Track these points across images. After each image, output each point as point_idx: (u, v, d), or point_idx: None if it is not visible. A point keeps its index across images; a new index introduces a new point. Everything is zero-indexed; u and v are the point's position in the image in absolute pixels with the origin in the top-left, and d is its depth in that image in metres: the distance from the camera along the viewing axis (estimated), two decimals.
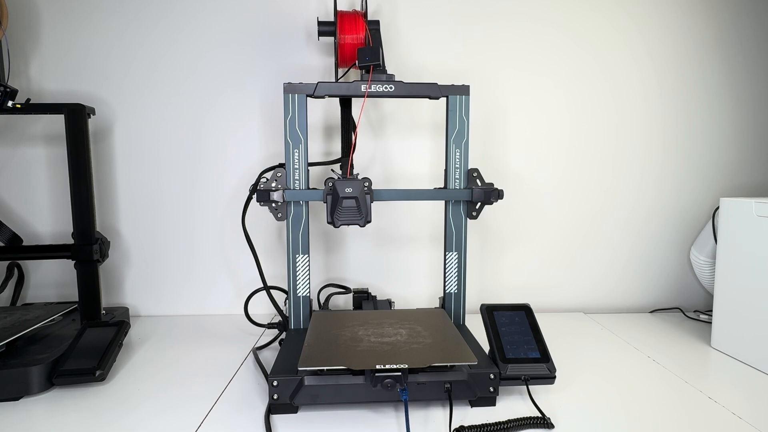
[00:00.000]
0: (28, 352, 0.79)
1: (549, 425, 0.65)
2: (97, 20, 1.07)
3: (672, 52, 1.16)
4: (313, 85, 0.84)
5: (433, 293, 1.18)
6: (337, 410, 0.70)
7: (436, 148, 1.14)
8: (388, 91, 0.84)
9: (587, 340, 1.00)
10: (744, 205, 0.89)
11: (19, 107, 0.91)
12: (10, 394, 0.73)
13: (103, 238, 0.97)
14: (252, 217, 0.94)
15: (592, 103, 1.16)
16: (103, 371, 0.77)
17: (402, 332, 0.77)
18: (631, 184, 1.19)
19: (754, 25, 1.16)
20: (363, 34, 0.90)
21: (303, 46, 1.10)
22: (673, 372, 0.84)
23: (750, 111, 1.18)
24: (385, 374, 0.64)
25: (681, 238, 1.21)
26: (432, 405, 0.71)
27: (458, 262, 0.91)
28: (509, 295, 1.19)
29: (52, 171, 1.10)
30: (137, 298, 1.15)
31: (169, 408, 0.71)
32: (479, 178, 0.89)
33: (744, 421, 0.68)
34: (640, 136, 1.17)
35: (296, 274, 0.88)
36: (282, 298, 0.98)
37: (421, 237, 1.17)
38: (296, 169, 0.86)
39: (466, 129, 0.88)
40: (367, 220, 0.82)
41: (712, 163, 1.19)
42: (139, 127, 1.10)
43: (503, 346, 0.73)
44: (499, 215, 1.17)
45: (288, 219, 0.87)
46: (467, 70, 1.13)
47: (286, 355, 0.75)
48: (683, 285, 1.23)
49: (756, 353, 0.87)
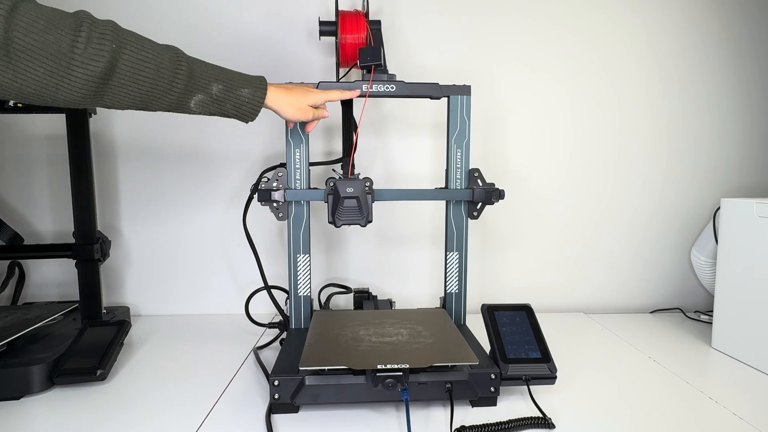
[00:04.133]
0: (29, 351, 0.79)
1: (550, 425, 0.65)
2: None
3: (675, 50, 1.15)
4: (314, 84, 0.84)
5: (433, 293, 1.18)
6: (338, 410, 0.70)
7: (437, 147, 1.14)
8: (390, 91, 0.84)
9: (588, 340, 1.00)
10: (745, 206, 0.89)
11: (20, 106, 0.91)
12: (11, 393, 0.73)
13: (104, 238, 0.97)
14: (253, 217, 0.94)
15: (595, 103, 1.16)
16: (104, 370, 0.77)
17: (403, 332, 0.77)
18: (633, 184, 1.19)
19: (760, 25, 1.16)
20: (364, 33, 0.90)
21: (304, 46, 1.10)
22: (674, 372, 0.84)
23: (752, 111, 1.18)
24: (386, 374, 0.64)
25: (682, 239, 1.21)
26: (433, 405, 0.71)
27: (459, 262, 0.91)
28: (510, 295, 1.19)
29: (53, 170, 1.10)
30: (138, 298, 1.15)
31: (170, 407, 0.71)
32: (480, 178, 0.89)
33: (744, 421, 0.68)
34: (643, 135, 1.17)
35: (297, 273, 0.88)
36: (283, 297, 0.98)
37: (422, 237, 1.17)
38: (297, 168, 0.86)
39: (467, 129, 0.88)
40: (368, 220, 0.82)
41: (714, 164, 1.19)
42: (140, 127, 1.10)
43: (504, 346, 0.73)
44: (500, 215, 1.17)
45: (289, 219, 0.87)
46: (468, 69, 1.13)
47: (287, 354, 0.75)
48: (684, 285, 1.23)
49: (756, 353, 0.87)
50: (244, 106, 0.68)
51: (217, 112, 0.67)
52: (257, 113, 0.70)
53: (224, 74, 0.67)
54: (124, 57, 0.55)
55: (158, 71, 0.59)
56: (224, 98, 0.66)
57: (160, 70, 0.59)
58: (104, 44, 0.54)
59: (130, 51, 0.56)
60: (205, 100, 0.65)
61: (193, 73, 0.63)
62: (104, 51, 0.53)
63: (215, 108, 0.66)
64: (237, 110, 0.68)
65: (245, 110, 0.69)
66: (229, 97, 0.66)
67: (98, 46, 0.53)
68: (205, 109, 0.66)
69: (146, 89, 0.58)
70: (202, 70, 0.64)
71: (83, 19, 0.53)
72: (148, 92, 0.59)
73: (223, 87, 0.66)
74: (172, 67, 0.60)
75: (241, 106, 0.68)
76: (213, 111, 0.67)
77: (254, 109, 0.69)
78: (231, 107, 0.67)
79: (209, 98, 0.65)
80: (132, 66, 0.56)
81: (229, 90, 0.66)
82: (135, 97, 0.58)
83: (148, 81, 0.58)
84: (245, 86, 0.68)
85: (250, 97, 0.68)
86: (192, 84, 0.62)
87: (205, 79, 0.64)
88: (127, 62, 0.56)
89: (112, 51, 0.54)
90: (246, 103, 0.68)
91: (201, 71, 0.64)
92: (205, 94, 0.64)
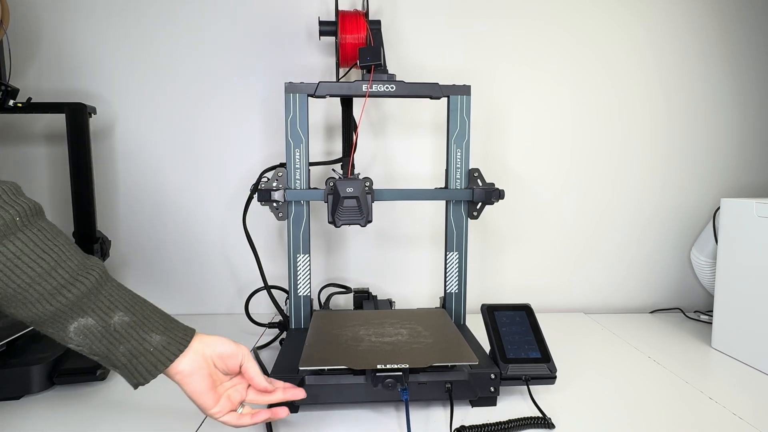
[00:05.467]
0: (29, 351, 0.79)
1: (550, 425, 0.65)
2: (99, 19, 1.07)
3: (675, 50, 1.15)
4: (315, 84, 0.84)
5: (433, 293, 1.18)
6: (338, 410, 0.70)
7: (437, 147, 1.14)
8: (389, 91, 0.84)
9: (588, 340, 1.00)
10: (745, 206, 0.89)
11: (20, 106, 0.91)
12: (11, 393, 0.73)
13: (104, 238, 0.97)
14: (253, 217, 0.94)
15: (595, 103, 1.16)
16: (104, 370, 0.77)
17: (403, 332, 0.77)
18: (633, 184, 1.19)
19: (759, 24, 1.16)
20: (364, 33, 0.90)
21: (304, 46, 1.10)
22: (674, 372, 0.85)
23: (753, 111, 1.18)
24: (386, 374, 0.64)
25: (682, 239, 1.21)
26: (433, 405, 0.71)
27: (459, 262, 0.91)
28: (510, 295, 1.19)
29: (53, 170, 1.10)
30: None
31: (170, 407, 0.71)
32: (480, 178, 0.89)
33: (744, 421, 0.68)
34: (642, 135, 1.17)
35: (297, 273, 0.88)
36: (283, 297, 0.98)
37: (422, 237, 1.17)
38: (297, 168, 0.86)
39: (467, 129, 0.88)
40: (368, 220, 0.82)
41: (714, 164, 1.19)
42: (140, 127, 1.11)
43: (504, 346, 0.73)
44: (500, 215, 1.17)
45: (289, 219, 0.87)
46: (468, 69, 1.13)
47: (287, 354, 0.75)
48: (684, 285, 1.23)
49: (756, 353, 0.87)
50: (141, 356, 0.49)
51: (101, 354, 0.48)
52: (154, 375, 0.50)
53: (140, 308, 0.51)
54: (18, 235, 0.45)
55: (49, 272, 0.45)
56: (121, 335, 0.48)
57: (51, 273, 0.45)
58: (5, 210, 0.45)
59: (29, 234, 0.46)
60: (93, 328, 0.47)
61: (98, 292, 0.48)
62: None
63: (104, 345, 0.48)
64: (130, 360, 0.49)
65: (141, 363, 0.49)
66: (129, 337, 0.49)
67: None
68: (88, 342, 0.48)
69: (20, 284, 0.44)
70: (111, 292, 0.49)
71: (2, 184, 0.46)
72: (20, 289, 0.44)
73: (129, 321, 0.49)
74: (73, 273, 0.47)
75: (139, 355, 0.49)
76: (97, 350, 0.48)
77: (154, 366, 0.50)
78: (125, 351, 0.49)
79: (101, 328, 0.48)
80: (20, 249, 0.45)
81: (134, 327, 0.49)
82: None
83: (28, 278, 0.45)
84: (159, 333, 0.50)
85: (159, 349, 0.50)
86: (86, 302, 0.47)
87: (110, 303, 0.49)
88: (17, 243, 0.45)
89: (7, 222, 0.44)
90: (147, 353, 0.49)
91: (109, 293, 0.49)
92: (99, 320, 0.48)
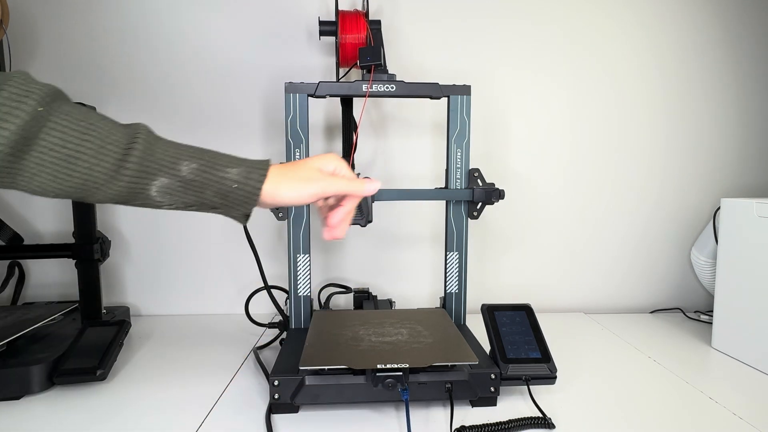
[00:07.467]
0: (29, 351, 0.79)
1: (550, 425, 0.65)
2: (99, 19, 1.07)
3: (674, 50, 1.15)
4: (315, 84, 0.84)
5: (433, 293, 1.18)
6: (338, 410, 0.70)
7: (437, 147, 1.14)
8: (390, 91, 0.84)
9: (588, 340, 1.00)
10: (745, 206, 0.89)
11: None
12: (11, 394, 0.73)
13: (104, 238, 0.97)
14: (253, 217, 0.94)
15: (595, 103, 1.16)
16: (104, 370, 0.77)
17: (403, 332, 0.77)
18: (633, 184, 1.19)
19: (760, 22, 1.16)
20: (364, 33, 0.90)
21: (304, 46, 1.10)
22: (674, 372, 0.85)
23: (752, 111, 1.18)
24: (386, 374, 0.64)
25: (682, 239, 1.21)
26: (433, 405, 0.71)
27: (459, 261, 0.91)
28: (510, 295, 1.19)
29: None
30: (138, 298, 1.15)
31: (170, 407, 0.71)
32: (480, 178, 0.89)
33: (744, 421, 0.68)
34: (642, 135, 1.17)
35: (297, 273, 0.88)
36: (283, 297, 0.98)
37: (422, 237, 1.17)
38: None
39: (467, 129, 0.88)
40: (368, 220, 0.82)
41: (714, 164, 1.19)
42: None
43: (504, 346, 0.73)
44: (500, 215, 1.17)
45: (289, 218, 0.87)
46: (468, 69, 1.13)
47: (287, 354, 0.75)
48: (684, 285, 1.23)
49: (756, 353, 0.87)
50: (231, 193, 0.50)
51: (195, 203, 0.50)
52: (253, 204, 0.52)
53: (202, 153, 0.50)
54: (50, 125, 0.43)
55: (100, 150, 0.44)
56: (201, 182, 0.49)
57: (102, 150, 0.44)
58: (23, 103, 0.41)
59: (60, 120, 0.43)
60: (171, 185, 0.48)
61: (153, 150, 0.47)
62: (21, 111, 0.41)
63: (191, 196, 0.49)
64: (223, 199, 0.50)
65: (235, 199, 0.50)
66: (208, 181, 0.49)
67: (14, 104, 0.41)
68: (177, 199, 0.49)
69: (82, 173, 0.44)
70: (167, 148, 0.49)
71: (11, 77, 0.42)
72: (84, 177, 0.44)
73: (198, 167, 0.49)
74: (123, 144, 0.46)
75: (228, 193, 0.50)
76: (188, 201, 0.49)
77: (248, 197, 0.51)
78: (213, 194, 0.50)
79: (178, 182, 0.48)
80: (60, 139, 0.43)
81: (208, 171, 0.49)
82: (65, 182, 0.44)
83: (85, 162, 0.44)
84: (233, 166, 0.51)
85: (242, 181, 0.50)
86: (149, 165, 0.47)
87: (169, 158, 0.48)
88: (54, 134, 0.43)
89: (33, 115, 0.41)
90: (234, 189, 0.50)
91: (165, 150, 0.48)
92: (171, 176, 0.48)
